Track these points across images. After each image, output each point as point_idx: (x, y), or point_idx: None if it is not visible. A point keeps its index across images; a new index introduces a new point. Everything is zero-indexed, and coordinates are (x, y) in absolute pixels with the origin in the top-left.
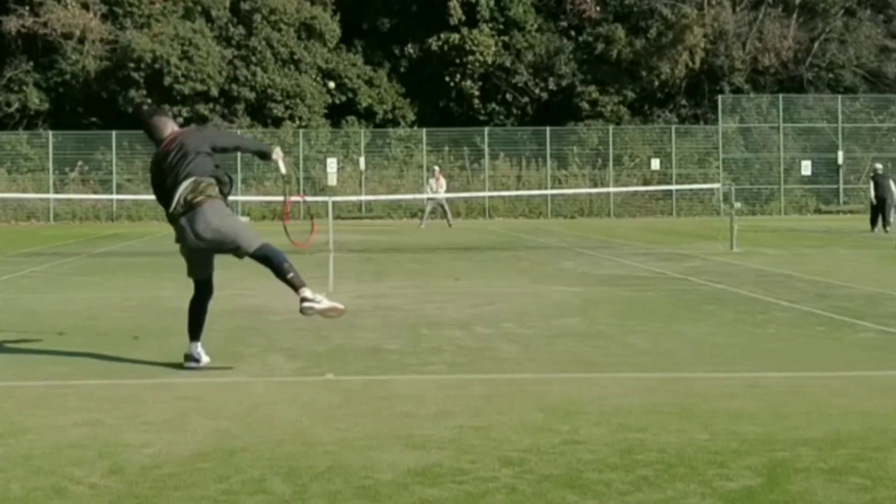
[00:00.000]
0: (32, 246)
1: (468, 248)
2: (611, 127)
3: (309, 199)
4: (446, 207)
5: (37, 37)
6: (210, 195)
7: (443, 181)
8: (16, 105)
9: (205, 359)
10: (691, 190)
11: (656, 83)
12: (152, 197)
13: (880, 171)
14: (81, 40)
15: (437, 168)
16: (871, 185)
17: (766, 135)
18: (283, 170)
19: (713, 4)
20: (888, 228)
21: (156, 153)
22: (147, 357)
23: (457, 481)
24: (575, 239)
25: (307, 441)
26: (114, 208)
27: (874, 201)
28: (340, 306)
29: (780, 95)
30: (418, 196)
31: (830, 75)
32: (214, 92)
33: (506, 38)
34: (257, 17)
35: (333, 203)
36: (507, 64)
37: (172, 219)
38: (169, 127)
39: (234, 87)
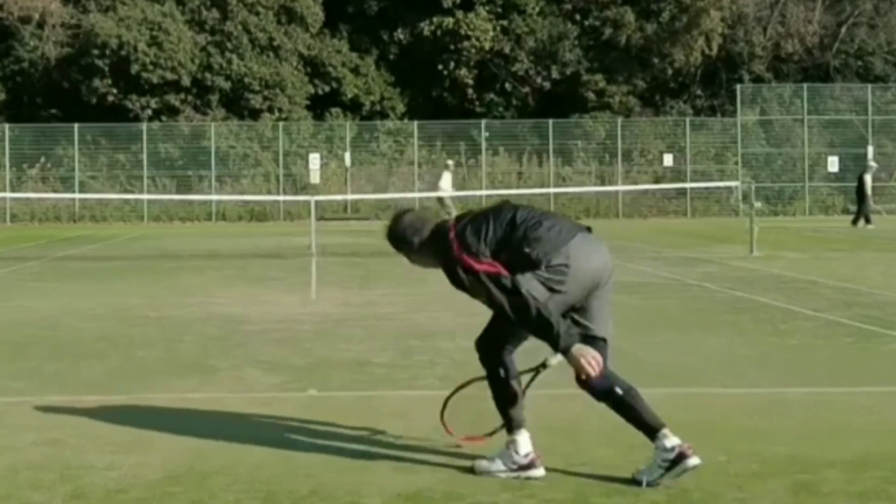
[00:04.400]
0: None
1: None
2: (619, 119)
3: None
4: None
5: None
6: None
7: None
8: None
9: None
10: (707, 188)
11: (669, 71)
12: (117, 196)
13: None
14: (41, 25)
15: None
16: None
17: (788, 128)
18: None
19: None
20: (858, 224)
21: None
22: (113, 371)
23: None
24: None
25: (287, 463)
26: (76, 208)
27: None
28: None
29: (805, 85)
30: (409, 195)
31: (859, 63)
32: (186, 81)
33: (504, 23)
34: None
35: (316, 203)
36: (506, 50)
37: None
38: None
39: (208, 75)
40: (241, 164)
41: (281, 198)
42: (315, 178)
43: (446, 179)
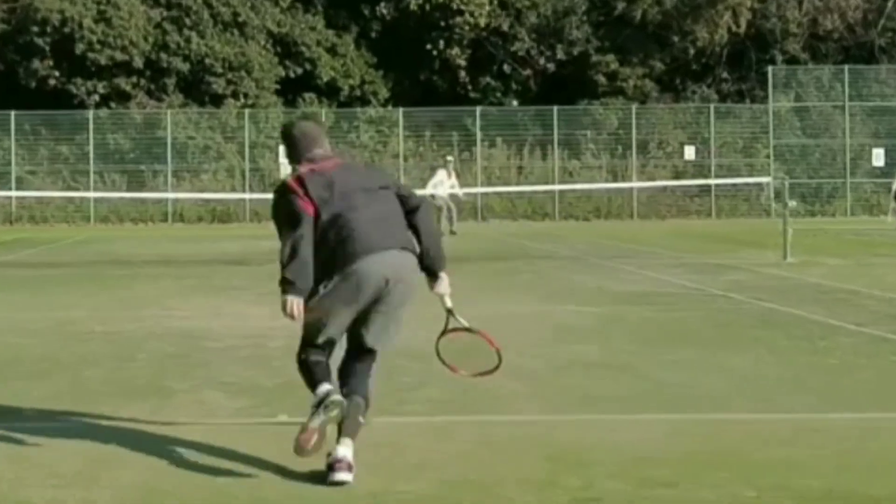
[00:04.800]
0: None
1: (456, 259)
2: (634, 106)
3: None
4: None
5: None
6: None
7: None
8: None
9: None
10: (734, 185)
11: (691, 51)
12: (60, 194)
13: None
14: None
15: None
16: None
17: (827, 116)
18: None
19: None
20: None
21: None
22: (56, 393)
23: None
24: (589, 246)
25: (253, 499)
26: (12, 208)
27: None
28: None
29: (846, 66)
30: None
31: None
32: (139, 62)
33: None
34: None
35: None
36: (505, 27)
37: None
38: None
39: (164, 56)
40: (201, 157)
41: (247, 196)
42: (285, 173)
43: (440, 178)
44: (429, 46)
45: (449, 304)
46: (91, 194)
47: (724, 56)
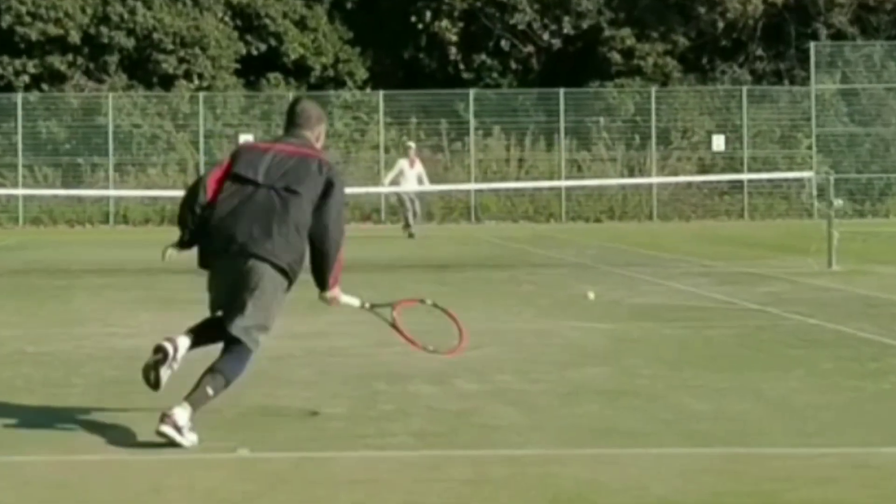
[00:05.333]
0: None
1: (445, 266)
2: (653, 89)
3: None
4: (416, 205)
5: None
6: None
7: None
8: None
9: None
10: (771, 181)
11: (720, 25)
12: None
13: None
14: None
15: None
16: None
17: (879, 99)
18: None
19: None
20: None
21: None
22: None
23: None
24: (601, 252)
25: None
26: None
27: None
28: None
29: None
30: (373, 189)
31: None
32: (75, 38)
33: None
34: None
35: None
36: None
37: None
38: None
39: (104, 30)
40: (148, 148)
41: None
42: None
43: (399, 169)
44: (414, 19)
45: (356, 303)
46: (20, 191)
47: (758, 30)
